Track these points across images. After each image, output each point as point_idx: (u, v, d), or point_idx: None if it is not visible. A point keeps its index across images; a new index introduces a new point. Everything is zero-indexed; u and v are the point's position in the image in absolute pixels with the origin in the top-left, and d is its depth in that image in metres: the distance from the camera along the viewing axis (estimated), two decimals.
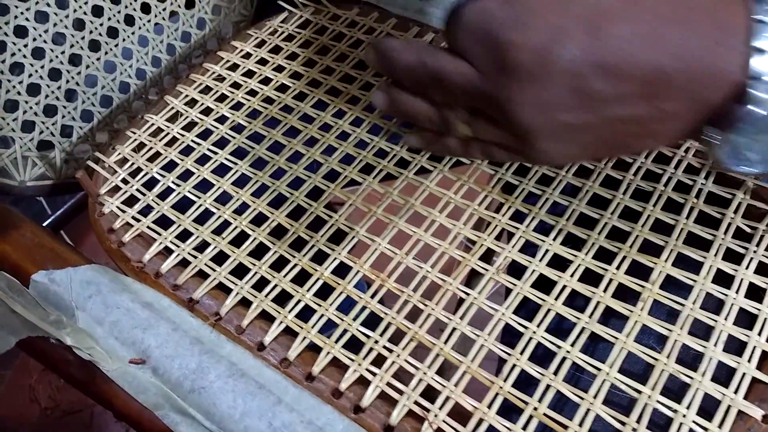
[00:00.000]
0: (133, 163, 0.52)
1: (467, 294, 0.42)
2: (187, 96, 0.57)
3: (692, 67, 0.29)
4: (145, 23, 0.60)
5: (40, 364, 0.43)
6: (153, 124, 0.55)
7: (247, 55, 0.60)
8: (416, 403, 0.38)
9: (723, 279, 0.41)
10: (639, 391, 0.37)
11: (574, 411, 0.37)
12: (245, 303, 0.43)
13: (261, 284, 0.44)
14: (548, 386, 0.38)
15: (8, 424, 1.14)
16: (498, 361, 0.40)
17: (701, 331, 0.39)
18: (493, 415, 0.37)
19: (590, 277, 0.42)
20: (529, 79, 0.31)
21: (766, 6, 0.29)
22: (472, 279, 0.44)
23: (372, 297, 0.43)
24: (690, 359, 0.38)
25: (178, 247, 0.46)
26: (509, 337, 0.42)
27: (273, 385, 0.39)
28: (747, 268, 0.41)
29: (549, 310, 0.41)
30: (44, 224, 0.64)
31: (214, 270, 0.45)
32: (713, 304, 0.40)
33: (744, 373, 0.37)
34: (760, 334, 0.38)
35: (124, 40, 0.59)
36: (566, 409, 0.37)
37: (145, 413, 0.40)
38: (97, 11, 0.56)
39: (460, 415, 0.37)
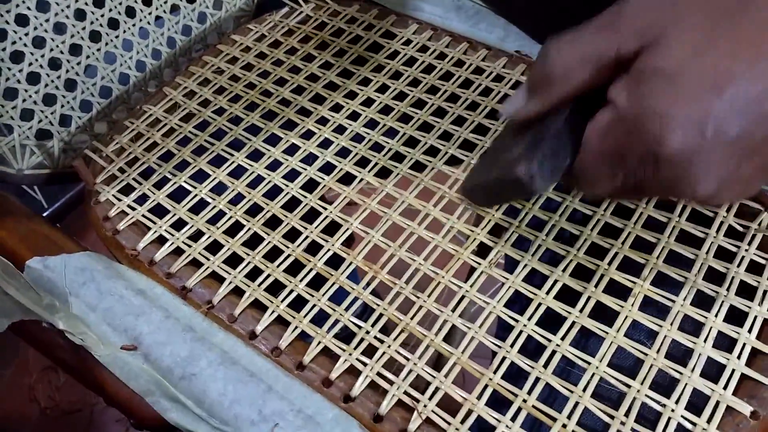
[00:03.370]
0: (130, 153, 0.53)
1: (459, 287, 0.42)
2: (186, 88, 0.57)
3: None
4: (146, 16, 0.60)
5: (38, 362, 0.43)
6: (151, 115, 0.55)
7: (247, 49, 0.60)
8: (406, 393, 0.38)
9: (715, 277, 0.41)
10: (628, 386, 0.37)
11: (563, 404, 0.37)
12: (238, 292, 0.43)
13: (254, 274, 0.44)
14: (538, 379, 0.38)
15: (8, 424, 1.13)
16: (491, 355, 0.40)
17: (692, 327, 0.39)
18: (483, 406, 0.37)
19: (582, 273, 0.42)
20: (690, 164, 0.30)
21: None
22: (467, 273, 0.44)
23: (364, 288, 0.43)
24: (680, 355, 0.38)
25: (172, 235, 0.47)
26: (500, 330, 0.42)
27: (264, 373, 0.40)
28: (739, 266, 0.41)
29: (540, 304, 0.41)
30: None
31: (208, 259, 0.45)
32: (704, 302, 0.40)
33: (733, 370, 0.37)
34: (750, 331, 0.38)
35: (125, 31, 0.59)
36: (556, 402, 0.37)
37: (135, 399, 0.40)
38: (99, 2, 0.57)
39: (449, 405, 0.38)
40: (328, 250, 0.45)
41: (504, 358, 0.39)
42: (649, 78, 0.29)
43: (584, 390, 0.37)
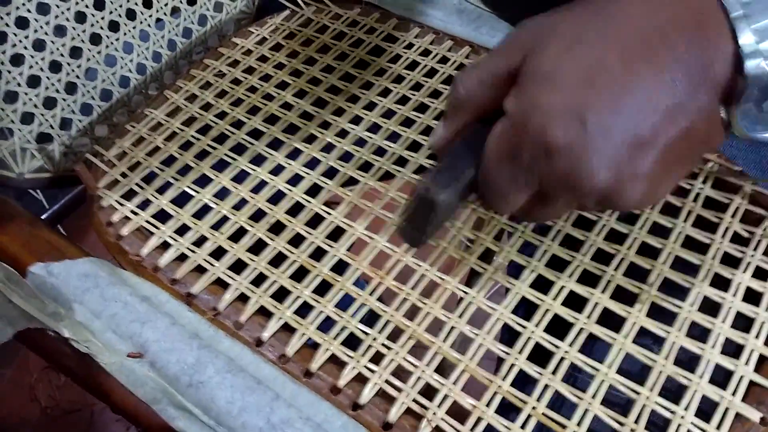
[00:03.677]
0: (132, 157, 0.52)
1: (466, 293, 0.42)
2: (187, 91, 0.57)
3: (698, 80, 0.29)
4: (147, 18, 0.59)
5: (39, 362, 0.43)
6: (153, 119, 0.55)
7: (248, 52, 0.60)
8: (415, 400, 0.38)
9: (721, 282, 0.41)
10: (637, 392, 0.37)
11: (572, 411, 0.37)
12: (243, 298, 0.43)
13: (259, 280, 0.44)
14: (547, 386, 0.38)
15: (8, 423, 1.13)
16: (497, 361, 0.40)
17: (699, 333, 0.39)
18: (492, 413, 0.37)
19: (588, 278, 0.42)
20: (578, 154, 0.30)
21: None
22: (472, 278, 0.44)
23: (371, 294, 0.43)
24: (688, 361, 0.38)
25: (176, 241, 0.46)
26: (508, 336, 0.42)
27: (271, 380, 0.39)
28: (744, 272, 0.41)
29: (547, 311, 0.41)
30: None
31: (213, 265, 0.45)
32: (711, 307, 0.40)
33: (742, 376, 0.37)
34: (757, 337, 0.39)
35: (125, 34, 0.58)
36: (565, 409, 0.37)
37: (142, 407, 0.40)
38: (99, 5, 0.56)
39: (458, 413, 0.37)
40: (334, 255, 0.45)
41: (512, 365, 0.39)
42: (529, 80, 0.31)
43: (593, 396, 0.37)
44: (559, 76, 0.30)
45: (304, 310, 0.42)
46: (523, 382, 0.38)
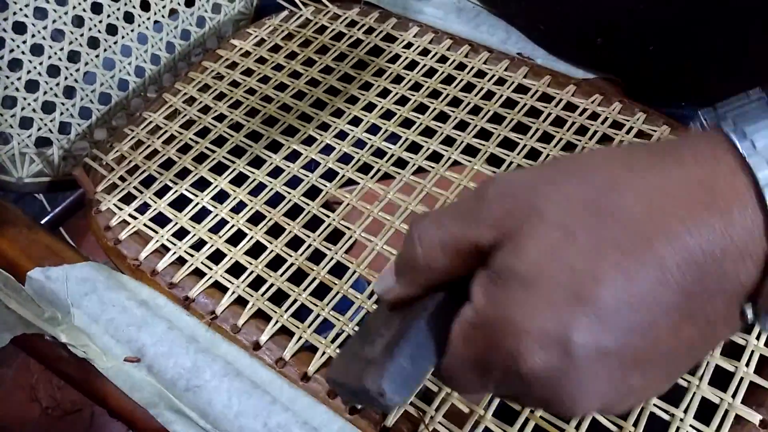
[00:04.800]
0: (131, 161, 0.52)
1: None
2: (186, 94, 0.57)
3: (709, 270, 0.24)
4: (145, 21, 0.59)
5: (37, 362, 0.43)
6: (151, 122, 0.55)
7: (247, 54, 0.60)
8: (412, 404, 0.38)
9: None
10: None
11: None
12: (241, 302, 0.43)
13: (257, 283, 0.44)
14: None
15: (9, 423, 1.13)
16: None
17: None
18: (490, 417, 0.37)
19: None
20: (557, 385, 0.25)
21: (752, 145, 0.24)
22: None
23: (369, 297, 0.43)
24: None
25: (174, 245, 0.46)
26: None
27: (268, 384, 0.39)
28: None
29: None
30: (43, 221, 0.64)
31: (210, 268, 0.45)
32: None
33: (742, 378, 0.37)
34: (758, 338, 0.38)
35: (123, 37, 0.58)
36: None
37: (139, 411, 0.40)
38: (97, 8, 0.56)
39: (456, 416, 0.37)
40: (332, 258, 0.45)
41: None
42: (504, 281, 0.26)
43: None
44: (541, 287, 0.24)
45: (301, 313, 0.42)
46: None
